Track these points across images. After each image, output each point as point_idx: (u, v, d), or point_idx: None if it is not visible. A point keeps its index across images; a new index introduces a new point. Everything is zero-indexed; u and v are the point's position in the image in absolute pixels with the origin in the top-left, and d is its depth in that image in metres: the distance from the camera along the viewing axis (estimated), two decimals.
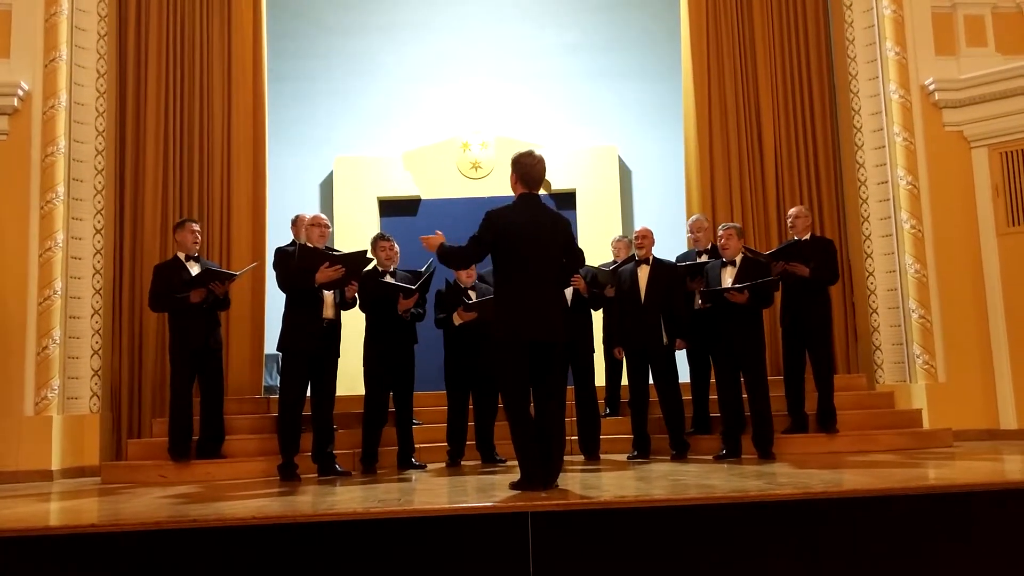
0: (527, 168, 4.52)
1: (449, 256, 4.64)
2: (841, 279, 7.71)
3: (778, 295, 6.71)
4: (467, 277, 6.56)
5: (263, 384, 7.97)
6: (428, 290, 6.41)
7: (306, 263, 5.80)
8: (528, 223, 4.44)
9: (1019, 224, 7.85)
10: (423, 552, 3.46)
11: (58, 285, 7.18)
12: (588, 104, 10.65)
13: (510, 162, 4.58)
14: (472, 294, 6.50)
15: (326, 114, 10.59)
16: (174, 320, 6.22)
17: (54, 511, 4.54)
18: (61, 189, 7.28)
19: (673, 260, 6.70)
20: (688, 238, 7.17)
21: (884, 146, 8.10)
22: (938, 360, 7.75)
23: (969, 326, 7.86)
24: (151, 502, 4.53)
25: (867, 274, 8.13)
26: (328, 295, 5.99)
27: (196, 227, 6.44)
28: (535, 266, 4.44)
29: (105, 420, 7.40)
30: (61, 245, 7.24)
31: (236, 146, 7.95)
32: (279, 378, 6.19)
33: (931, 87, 8.02)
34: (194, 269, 6.25)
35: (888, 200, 8.05)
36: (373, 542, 3.46)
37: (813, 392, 6.54)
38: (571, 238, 4.67)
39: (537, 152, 4.57)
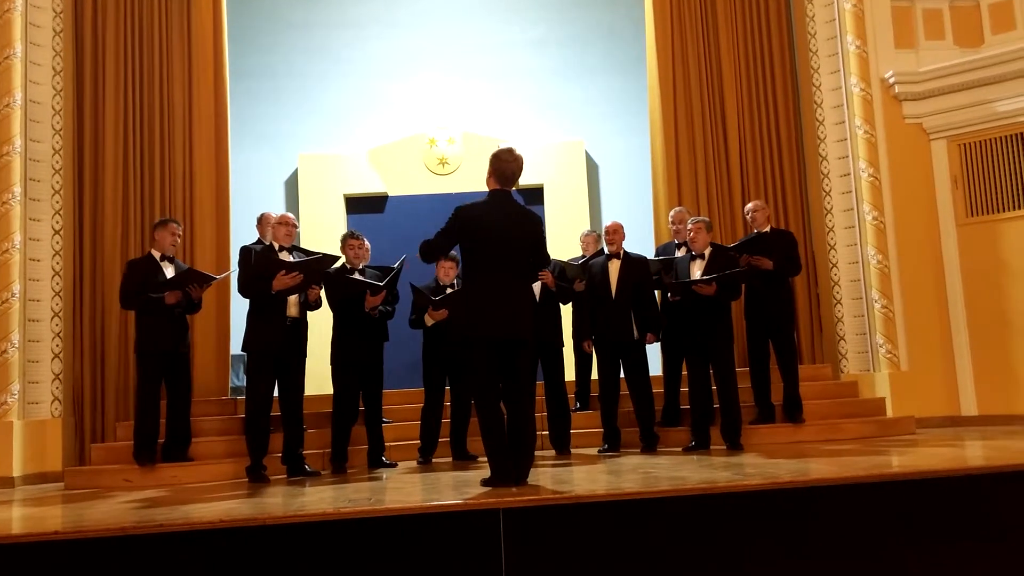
0: (502, 164, 4.53)
1: (421, 249, 4.66)
2: (805, 270, 7.81)
3: (742, 286, 6.77)
4: (444, 276, 6.54)
5: (229, 385, 7.89)
6: (395, 286, 6.36)
7: (261, 269, 5.73)
8: (498, 219, 4.44)
9: (977, 215, 8.00)
10: (395, 551, 3.45)
11: (16, 288, 7.03)
12: (554, 99, 10.66)
13: (489, 157, 4.58)
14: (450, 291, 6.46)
15: (290, 111, 10.49)
16: (142, 321, 6.11)
17: (16, 518, 4.45)
18: (17, 190, 7.13)
19: (640, 253, 6.72)
20: (670, 229, 7.21)
21: (846, 139, 8.20)
22: (900, 349, 7.87)
23: (930, 315, 7.99)
24: (116, 507, 4.47)
25: (831, 265, 8.23)
26: (291, 295, 5.92)
27: (178, 229, 6.36)
28: (504, 263, 4.44)
29: (67, 425, 7.27)
30: (19, 247, 7.09)
31: (198, 144, 7.85)
32: (245, 379, 6.12)
33: (891, 80, 8.13)
34: (168, 270, 6.15)
35: (850, 192, 8.15)
36: (344, 543, 3.44)
37: (779, 382, 6.63)
38: (541, 237, 4.67)
39: (517, 151, 4.58)
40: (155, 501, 4.67)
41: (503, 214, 4.48)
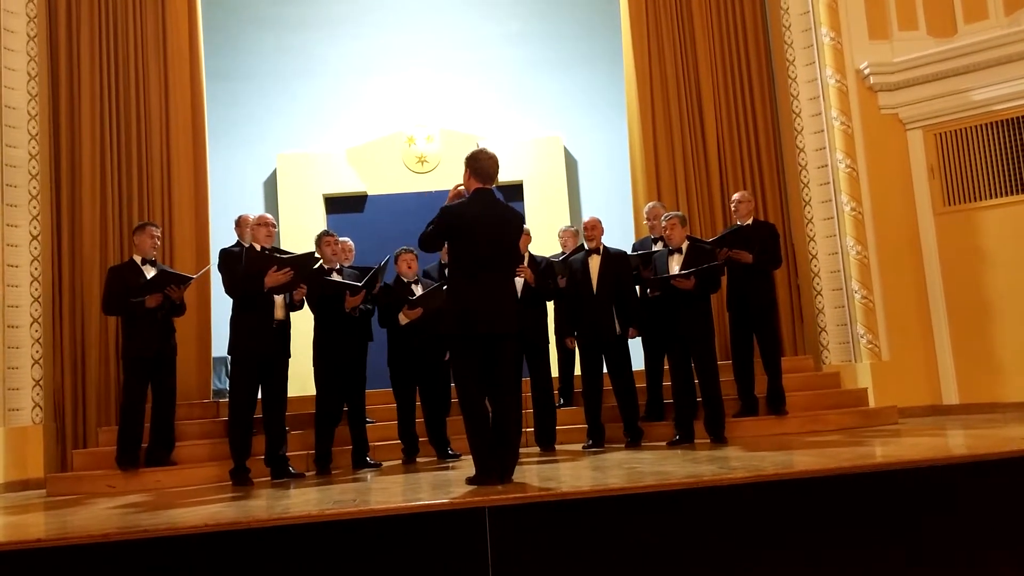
0: (480, 162, 4.59)
1: (419, 241, 4.69)
2: (785, 262, 7.83)
3: (724, 280, 6.80)
4: (407, 268, 6.51)
5: (212, 388, 7.84)
6: (375, 286, 6.34)
7: (254, 267, 5.70)
8: (482, 216, 4.48)
9: (954, 204, 8.07)
10: (381, 553, 3.44)
11: None
12: (532, 95, 10.66)
13: (464, 161, 4.64)
14: (417, 289, 6.46)
15: (267, 111, 10.43)
16: (127, 326, 6.07)
17: None
18: None
19: (621, 248, 6.74)
20: (646, 225, 7.23)
21: (823, 130, 8.25)
22: (881, 339, 7.93)
23: (910, 305, 8.05)
24: (100, 513, 4.44)
25: (810, 257, 8.27)
26: (278, 296, 5.90)
27: (157, 232, 6.33)
28: (491, 260, 4.49)
29: (49, 431, 7.21)
30: None
31: (175, 146, 7.79)
32: (228, 381, 6.09)
33: (866, 71, 8.18)
34: (150, 273, 6.11)
35: (828, 183, 8.20)
36: (330, 545, 3.44)
37: (762, 375, 6.66)
38: (519, 236, 4.74)
39: (491, 150, 4.65)
40: (139, 506, 4.65)
41: (488, 212, 4.52)
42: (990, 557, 3.68)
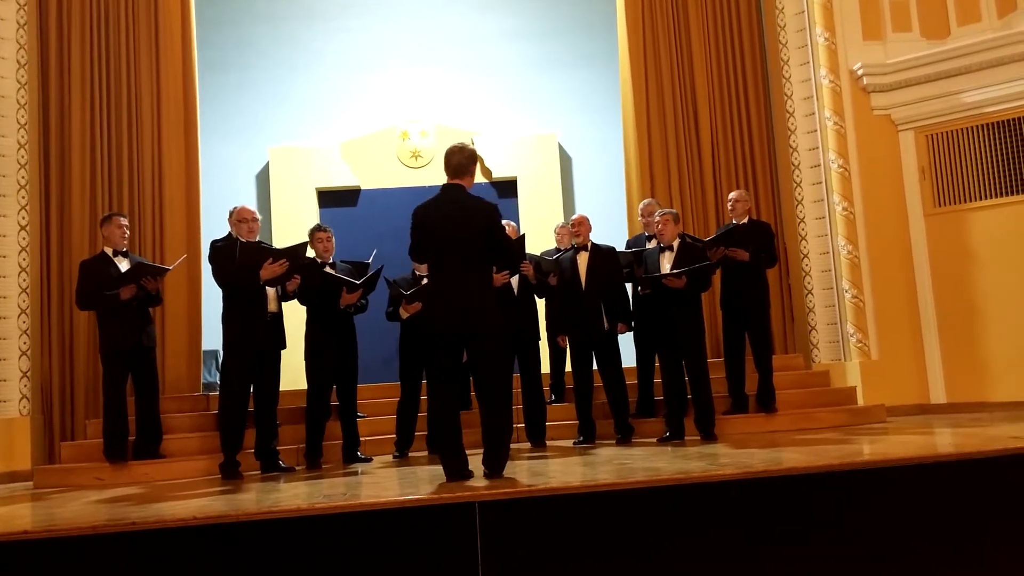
0: (447, 156, 4.62)
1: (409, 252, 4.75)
2: (777, 261, 7.86)
3: (717, 279, 6.81)
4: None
5: (202, 381, 7.81)
6: (374, 288, 6.30)
7: (249, 260, 5.67)
8: (444, 213, 4.48)
9: (945, 205, 8.10)
10: (370, 546, 3.44)
11: None
12: (527, 91, 10.65)
13: None
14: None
15: (260, 104, 10.39)
16: (103, 319, 6.02)
17: None
18: None
19: (615, 245, 6.75)
20: (641, 222, 7.24)
21: (816, 130, 8.28)
22: (871, 338, 7.96)
23: (900, 304, 8.08)
24: (87, 506, 4.42)
25: (802, 256, 8.30)
26: (271, 288, 5.88)
27: (124, 221, 6.26)
28: (453, 256, 4.44)
29: (36, 423, 7.18)
30: None
31: (167, 138, 7.74)
32: (220, 375, 6.05)
33: (859, 72, 8.20)
34: (122, 264, 6.07)
35: (821, 183, 8.22)
36: (319, 538, 3.43)
37: (753, 373, 6.68)
38: (493, 228, 4.51)
39: (465, 144, 4.66)
40: (127, 499, 4.63)
41: (449, 207, 4.49)
42: (978, 553, 3.71)
